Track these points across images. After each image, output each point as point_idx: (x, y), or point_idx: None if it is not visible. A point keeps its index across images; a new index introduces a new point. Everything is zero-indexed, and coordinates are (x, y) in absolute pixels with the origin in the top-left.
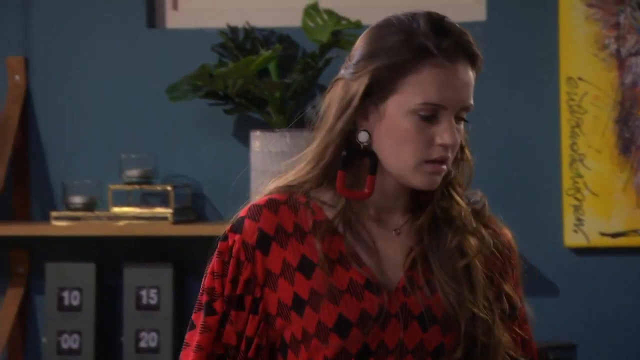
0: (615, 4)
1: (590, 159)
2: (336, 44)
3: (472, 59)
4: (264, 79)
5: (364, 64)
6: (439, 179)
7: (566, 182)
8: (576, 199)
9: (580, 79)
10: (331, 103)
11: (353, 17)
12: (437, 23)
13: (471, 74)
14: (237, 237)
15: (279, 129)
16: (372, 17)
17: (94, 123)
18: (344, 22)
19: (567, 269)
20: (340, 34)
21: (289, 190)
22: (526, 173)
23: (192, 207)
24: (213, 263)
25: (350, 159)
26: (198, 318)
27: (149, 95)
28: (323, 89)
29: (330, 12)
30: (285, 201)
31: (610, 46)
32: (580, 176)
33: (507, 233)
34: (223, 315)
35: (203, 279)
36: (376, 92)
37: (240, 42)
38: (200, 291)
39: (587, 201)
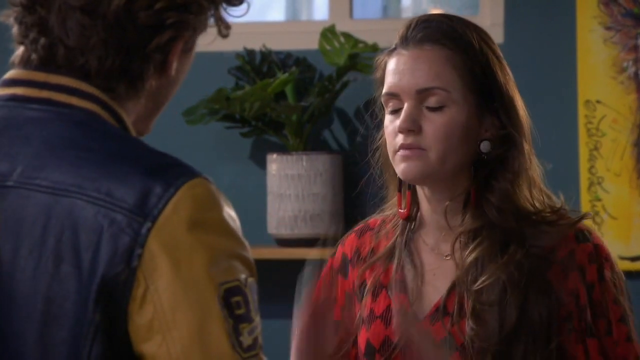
0: (633, 26)
1: (608, 182)
2: (353, 67)
3: (434, 40)
4: (281, 102)
5: None
6: (414, 165)
7: (585, 206)
8: (595, 222)
9: (598, 102)
10: None
11: (370, 40)
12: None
13: (433, 56)
14: (330, 260)
15: (296, 152)
16: (389, 40)
17: None
18: (360, 45)
19: None
20: (357, 57)
21: (386, 215)
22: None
23: None
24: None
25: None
26: None
27: (165, 119)
28: (340, 112)
29: (347, 35)
30: (373, 227)
31: (628, 69)
32: (599, 199)
33: (587, 248)
34: None
35: None
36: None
37: (257, 65)
38: None
39: (605, 224)
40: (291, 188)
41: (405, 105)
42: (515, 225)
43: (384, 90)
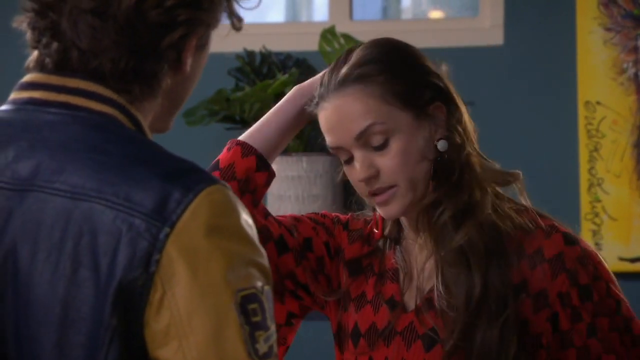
0: (633, 28)
1: (608, 184)
2: None
3: (344, 85)
4: None
5: None
6: (392, 207)
7: (585, 207)
8: (594, 223)
9: (598, 103)
10: None
11: None
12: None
13: (352, 97)
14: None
15: (296, 154)
16: None
17: None
18: None
19: None
20: None
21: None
22: (544, 197)
23: None
24: None
25: None
26: None
27: None
28: None
29: (346, 36)
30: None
31: (628, 70)
32: (599, 201)
33: (576, 250)
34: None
35: None
36: None
37: (257, 66)
38: None
39: (605, 226)
40: (291, 189)
41: (355, 155)
42: (464, 198)
43: (327, 144)
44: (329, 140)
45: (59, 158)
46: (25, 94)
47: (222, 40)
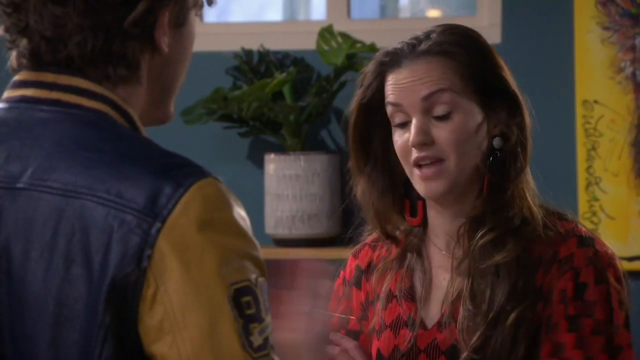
0: (631, 26)
1: (606, 183)
2: (350, 67)
3: (426, 54)
4: (279, 102)
5: None
6: (435, 184)
7: (582, 206)
8: (592, 222)
9: (596, 102)
10: None
11: (367, 40)
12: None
13: (433, 65)
14: (341, 272)
15: (294, 152)
16: (386, 41)
17: None
18: (358, 45)
19: None
20: (355, 57)
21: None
22: (542, 196)
23: None
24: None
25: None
26: None
27: None
28: (338, 112)
29: (344, 35)
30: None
31: (626, 69)
32: (597, 199)
33: (588, 252)
34: None
35: None
36: None
37: (254, 65)
38: None
39: (603, 224)
40: (289, 188)
41: (414, 119)
42: (516, 220)
43: (389, 101)
44: (393, 97)
45: (51, 156)
46: (18, 92)
47: (220, 40)
